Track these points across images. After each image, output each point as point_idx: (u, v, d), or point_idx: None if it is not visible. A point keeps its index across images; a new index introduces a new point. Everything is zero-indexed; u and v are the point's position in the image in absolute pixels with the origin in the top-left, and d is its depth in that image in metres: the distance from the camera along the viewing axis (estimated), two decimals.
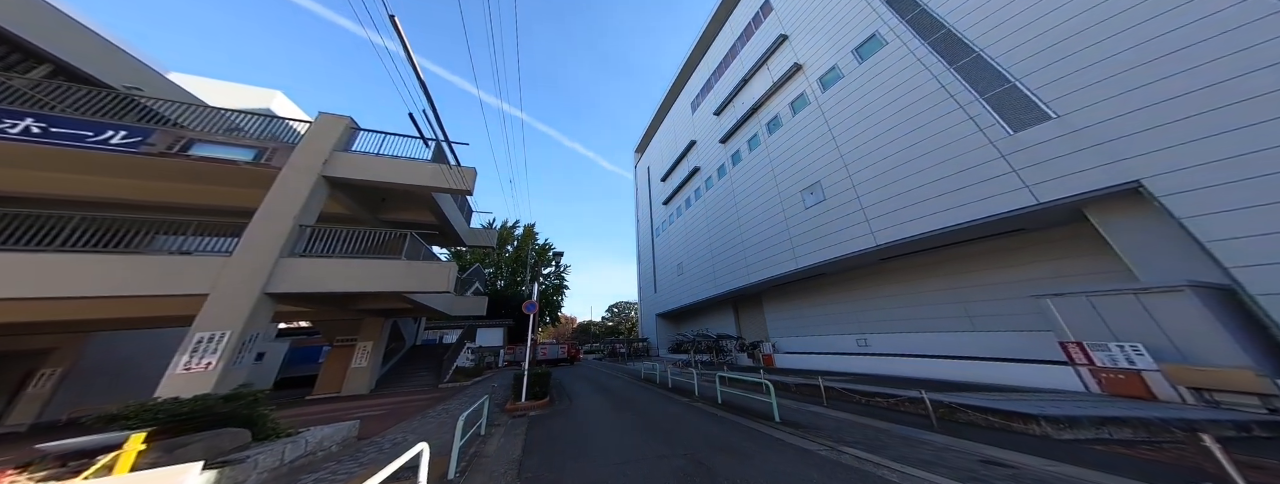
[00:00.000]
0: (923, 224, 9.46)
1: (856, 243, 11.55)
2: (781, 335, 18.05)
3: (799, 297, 17.03)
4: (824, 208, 13.47)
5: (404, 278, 8.50)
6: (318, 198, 8.81)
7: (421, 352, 16.25)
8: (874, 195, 11.25)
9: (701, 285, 24.08)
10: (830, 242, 12.80)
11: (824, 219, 13.35)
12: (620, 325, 60.49)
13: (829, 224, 13.02)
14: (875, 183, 11.34)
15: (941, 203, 9.09)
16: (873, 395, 6.61)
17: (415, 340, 17.06)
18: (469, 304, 14.53)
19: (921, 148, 10.04)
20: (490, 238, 16.27)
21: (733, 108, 22.86)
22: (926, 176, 9.68)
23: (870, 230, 11.02)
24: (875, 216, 10.98)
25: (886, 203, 10.77)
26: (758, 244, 17.80)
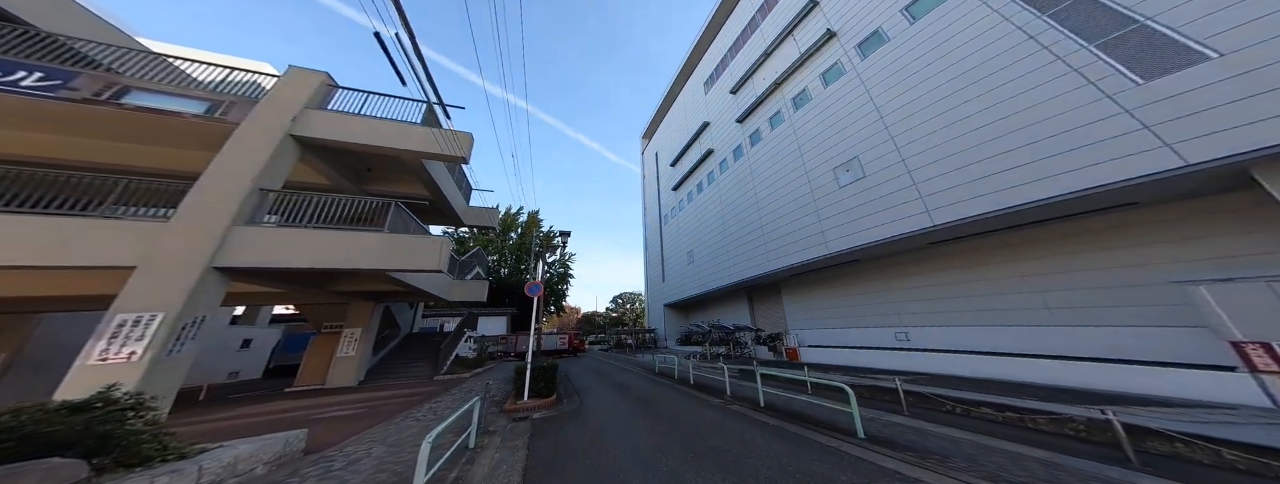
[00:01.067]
0: (997, 199, 7.91)
1: (904, 224, 10.03)
2: (802, 327, 16.67)
3: (825, 285, 15.58)
4: (862, 186, 11.89)
5: (386, 253, 7.14)
6: (284, 160, 7.40)
7: (418, 340, 15.07)
8: (930, 170, 9.66)
9: (714, 274, 22.68)
10: (869, 224, 11.28)
11: (862, 199, 11.78)
12: (625, 316, 59.57)
13: (868, 204, 11.47)
14: (931, 155, 9.74)
15: (1025, 173, 7.52)
16: (973, 404, 5.20)
17: (411, 328, 15.88)
18: (469, 289, 13.24)
19: (997, 111, 8.40)
20: (491, 218, 14.88)
21: (751, 84, 21.05)
22: (1004, 144, 8.08)
23: (924, 209, 9.47)
24: (931, 193, 9.42)
25: (946, 177, 9.19)
26: (779, 229, 16.29)
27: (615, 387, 9.33)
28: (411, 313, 15.92)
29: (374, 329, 11.97)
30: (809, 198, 14.53)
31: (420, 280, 9.67)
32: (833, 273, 14.84)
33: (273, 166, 7.06)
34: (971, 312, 9.95)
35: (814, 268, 14.69)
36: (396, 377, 12.08)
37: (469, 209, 14.76)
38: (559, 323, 49.20)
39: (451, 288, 12.74)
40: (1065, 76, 7.25)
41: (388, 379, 11.85)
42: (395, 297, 12.14)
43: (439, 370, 12.65)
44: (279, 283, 8.01)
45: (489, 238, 35.42)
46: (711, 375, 10.26)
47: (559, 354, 23.92)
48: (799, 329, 16.93)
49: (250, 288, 8.60)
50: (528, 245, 36.42)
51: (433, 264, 7.49)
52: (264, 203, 6.78)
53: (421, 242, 7.53)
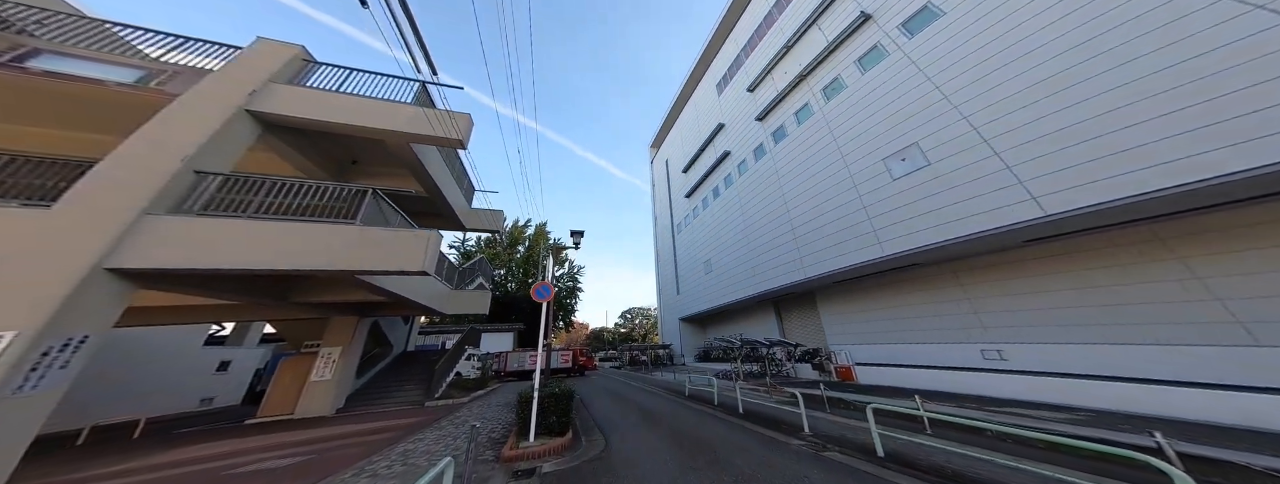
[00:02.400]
0: (1148, 179, 6.02)
1: (996, 217, 8.12)
2: (845, 342, 14.48)
3: (876, 294, 13.50)
4: (925, 176, 10.10)
5: (356, 251, 5.52)
6: (236, 139, 5.94)
7: (413, 360, 13.29)
8: (1034, 148, 7.78)
9: (735, 284, 20.69)
10: (939, 219, 9.41)
11: (925, 191, 9.97)
12: (634, 332, 57.14)
13: (935, 197, 9.64)
14: (1034, 130, 7.85)
15: (1193, 142, 5.69)
16: None
17: (405, 346, 14.13)
18: (469, 300, 11.55)
19: (1144, 65, 6.57)
20: (496, 221, 13.34)
21: (771, 80, 19.76)
22: (1165, 103, 6.19)
23: (1027, 195, 7.59)
24: (1037, 176, 7.55)
25: (1061, 156, 7.30)
26: (816, 231, 14.43)
27: (643, 417, 7.37)
28: (405, 329, 14.24)
29: (357, 348, 10.26)
30: (852, 194, 12.74)
31: (407, 287, 8.01)
32: (887, 279, 12.80)
33: (218, 145, 5.60)
34: (1110, 326, 7.64)
35: (862, 273, 12.69)
36: (382, 403, 10.25)
37: (471, 211, 13.27)
38: (567, 339, 46.96)
39: (449, 299, 11.06)
40: (1248, 14, 5.51)
41: (372, 405, 10.03)
42: (383, 310, 10.50)
43: (433, 395, 10.79)
44: (216, 291, 6.35)
45: (495, 251, 34.09)
46: (756, 399, 8.24)
47: (562, 374, 21.12)
48: (841, 344, 14.73)
49: (180, 299, 7.04)
50: (536, 258, 34.96)
51: (415, 263, 5.83)
52: (201, 189, 5.26)
53: (401, 236, 5.90)
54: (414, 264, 5.85)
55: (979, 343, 9.52)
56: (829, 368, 12.34)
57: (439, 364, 11.13)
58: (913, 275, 11.89)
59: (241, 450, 6.05)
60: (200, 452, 6.17)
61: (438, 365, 11.05)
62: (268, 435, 7.12)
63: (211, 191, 5.33)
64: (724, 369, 16.55)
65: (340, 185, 6.15)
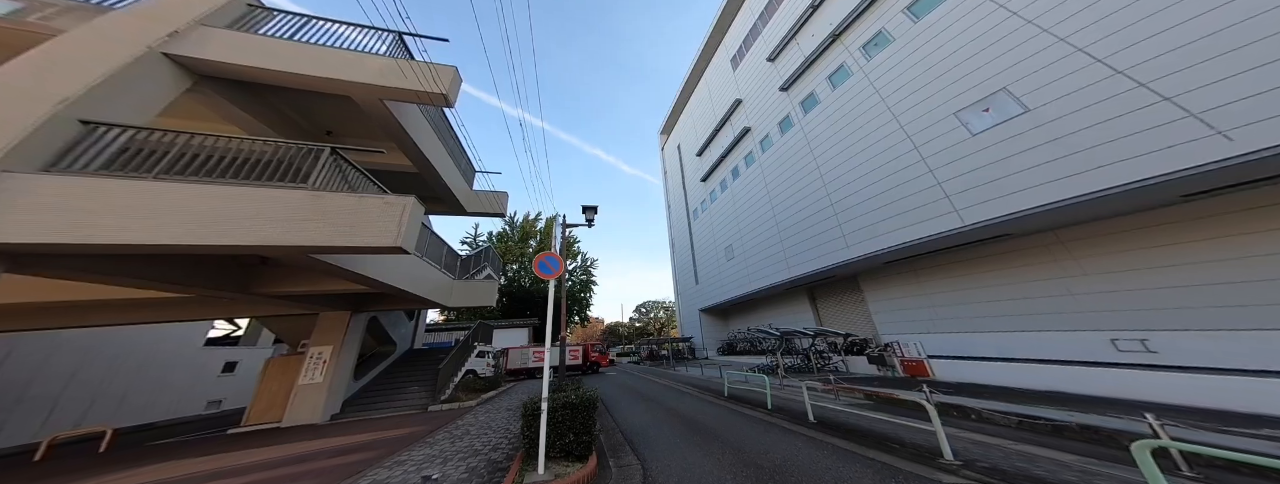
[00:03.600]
0: None
1: (1153, 163, 6.08)
2: (899, 332, 12.58)
3: (941, 274, 11.50)
4: (1024, 124, 8.07)
5: (308, 222, 4.12)
6: (149, 88, 4.60)
7: (419, 358, 12.15)
8: (1211, 69, 5.73)
9: (763, 269, 18.87)
10: (1049, 174, 7.40)
11: (1024, 143, 7.96)
12: (649, 326, 55.81)
13: (1043, 148, 7.62)
14: (1208, 47, 5.82)
15: None
16: None
17: (411, 343, 13.02)
18: (474, 291, 10.22)
19: None
20: (499, 203, 11.96)
21: (796, 45, 17.61)
22: None
23: (1207, 129, 5.55)
24: (1213, 106, 5.53)
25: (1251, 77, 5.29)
26: (861, 204, 12.49)
27: (686, 428, 5.83)
28: (410, 325, 13.11)
29: (353, 347, 9.08)
30: (910, 158, 10.75)
31: (394, 274, 6.64)
32: (961, 255, 10.74)
33: (121, 92, 4.26)
34: None
35: (926, 250, 10.69)
36: (382, 408, 9.07)
37: (472, 193, 11.92)
38: (583, 335, 46.02)
39: (452, 290, 9.75)
40: None
41: (371, 411, 8.86)
42: (378, 304, 9.28)
43: (438, 397, 9.56)
44: (135, 277, 5.00)
45: (506, 245, 33.09)
46: (819, 402, 6.59)
47: (573, 372, 19.01)
48: (894, 333, 12.82)
49: (113, 292, 5.83)
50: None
51: (387, 237, 4.41)
52: (93, 143, 3.92)
53: (367, 205, 4.47)
54: (385, 237, 4.42)
55: (1107, 330, 7.49)
56: (891, 361, 10.47)
57: (444, 364, 9.88)
58: (997, 250, 9.83)
59: (190, 475, 4.81)
60: (148, 474, 4.98)
61: (442, 365, 9.81)
62: (235, 451, 5.93)
63: (113, 148, 3.99)
64: (759, 363, 14.85)
65: (288, 142, 4.75)
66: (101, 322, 6.84)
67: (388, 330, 11.01)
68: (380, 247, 4.41)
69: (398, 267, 6.79)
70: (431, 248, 8.88)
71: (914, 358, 9.94)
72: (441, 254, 9.49)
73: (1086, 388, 6.69)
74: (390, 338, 11.30)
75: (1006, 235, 9.08)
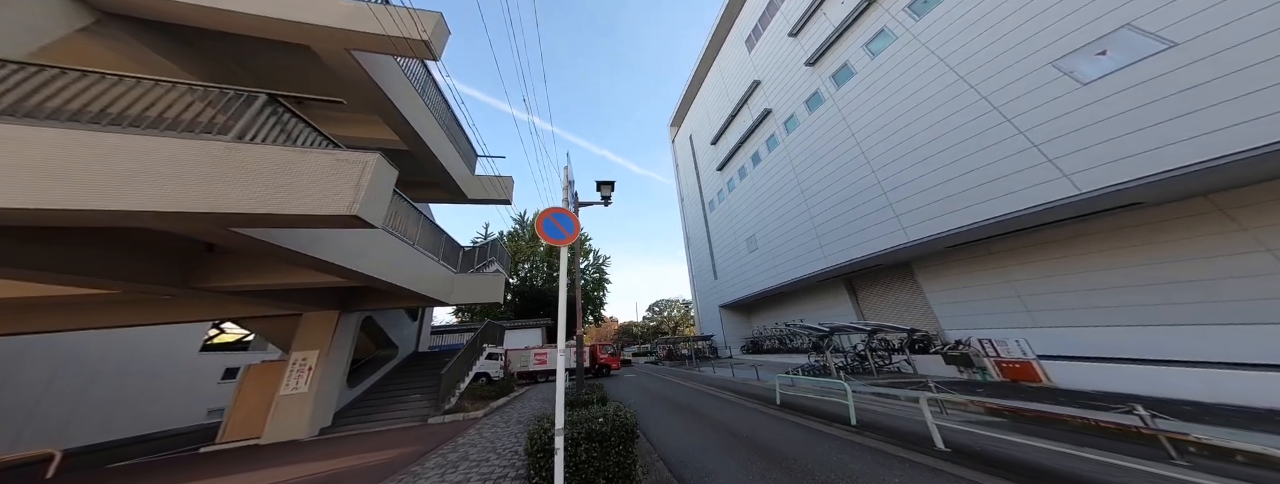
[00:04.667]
0: None
1: None
2: (971, 326, 10.78)
3: (1037, 256, 9.61)
4: (1167, 63, 6.28)
5: (225, 182, 2.77)
6: (22, 16, 3.38)
7: (425, 362, 10.97)
8: None
9: (793, 260, 17.17)
10: (1213, 122, 5.64)
11: (1166, 86, 6.18)
12: (663, 325, 54.27)
13: (1197, 91, 5.84)
14: None
15: None
16: None
17: (416, 345, 11.87)
18: (479, 286, 8.96)
19: None
20: (503, 189, 10.72)
21: (824, 15, 15.89)
22: None
23: None
24: None
25: None
26: (919, 179, 10.78)
27: (749, 452, 4.34)
28: (414, 325, 11.97)
29: (343, 351, 7.91)
30: (987, 121, 9.01)
31: (362, 259, 5.31)
32: (1068, 232, 8.77)
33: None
34: None
35: (1016, 227, 8.82)
36: (378, 419, 7.87)
37: (473, 178, 10.72)
38: (597, 335, 44.82)
39: (452, 284, 8.50)
40: None
41: (365, 423, 7.66)
42: (369, 301, 8.09)
43: (441, 406, 8.32)
44: (13, 265, 3.77)
45: (517, 245, 32.15)
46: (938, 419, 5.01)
47: (585, 374, 17.51)
48: (962, 328, 11.01)
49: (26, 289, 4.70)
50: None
51: (337, 203, 3.11)
52: None
53: (307, 161, 3.17)
54: (335, 203, 3.10)
55: None
56: (980, 362, 8.61)
57: (447, 369, 8.63)
58: (1119, 223, 7.88)
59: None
60: None
61: (445, 370, 8.56)
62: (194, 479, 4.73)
63: None
64: (801, 363, 13.18)
65: (213, 85, 3.50)
66: (35, 329, 5.80)
67: (387, 332, 9.86)
68: (329, 216, 3.09)
69: (377, 253, 5.52)
70: (427, 237, 7.64)
71: (1016, 358, 8.05)
72: (439, 244, 8.25)
73: None
74: (390, 340, 10.15)
75: (1137, 204, 7.20)
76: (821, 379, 7.35)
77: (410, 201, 6.75)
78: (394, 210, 6.35)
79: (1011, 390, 6.77)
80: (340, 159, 3.28)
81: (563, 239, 3.19)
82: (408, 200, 6.58)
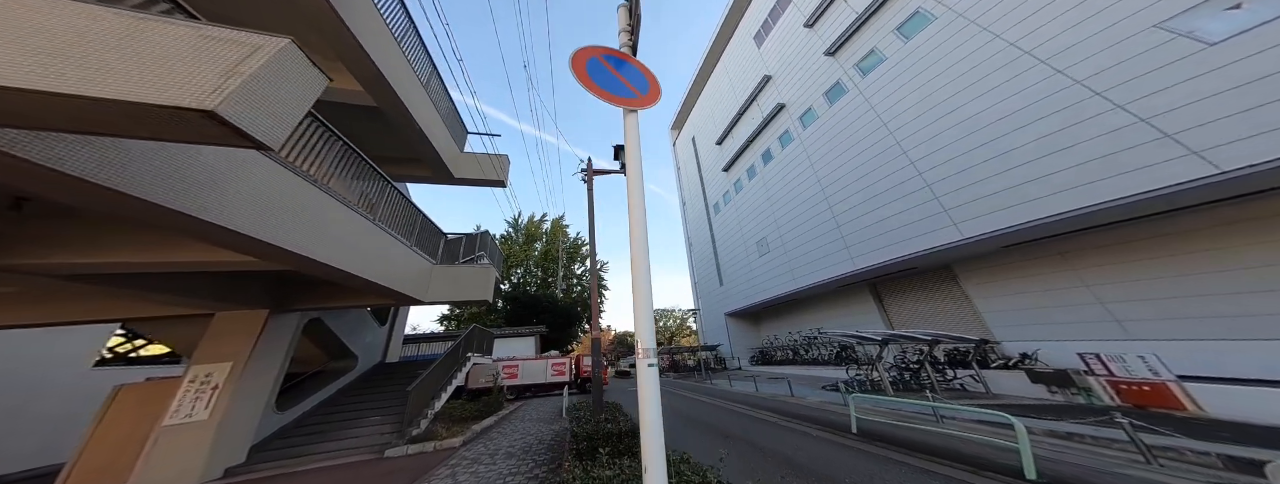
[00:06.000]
0: None
1: None
2: (1036, 337, 9.32)
3: (1130, 255, 8.16)
4: None
5: None
6: None
7: (394, 377, 8.82)
8: None
9: (812, 263, 15.69)
10: None
11: None
12: (659, 335, 52.06)
13: None
14: None
15: None
16: None
17: (382, 356, 9.68)
18: (462, 280, 7.07)
19: None
20: (497, 169, 9.00)
21: (843, 2, 14.99)
22: None
23: None
24: None
25: None
26: (975, 167, 9.50)
27: None
28: (382, 330, 9.80)
29: (275, 361, 5.87)
30: (1065, 97, 7.78)
31: (265, 222, 3.43)
32: (1162, 228, 7.34)
33: None
34: None
35: (1103, 220, 7.40)
36: (316, 452, 5.79)
37: (463, 156, 9.00)
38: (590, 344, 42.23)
39: (429, 277, 6.62)
40: None
41: (298, 457, 5.58)
42: (315, 296, 6.12)
43: (407, 432, 6.28)
44: None
45: (510, 249, 30.06)
46: (1061, 456, 3.36)
47: (548, 390, 13.95)
48: (1022, 339, 9.52)
49: None
50: (555, 254, 30.72)
51: (186, 92, 1.35)
52: None
53: (154, 36, 1.43)
54: (182, 92, 1.37)
55: None
56: (1083, 382, 6.88)
57: (416, 385, 6.58)
58: (1252, 214, 6.50)
59: None
60: None
61: (413, 387, 6.51)
62: None
63: None
64: (833, 377, 11.46)
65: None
66: None
67: (343, 338, 7.78)
68: (165, 108, 1.37)
69: (316, 224, 3.71)
70: (397, 215, 5.85)
71: (1143, 379, 6.24)
72: (414, 227, 6.43)
73: None
74: (347, 349, 8.06)
75: (1273, 188, 5.84)
76: (809, 389, 5.61)
77: (372, 164, 4.97)
78: (349, 169, 4.58)
79: (1149, 419, 5.18)
80: (209, 37, 1.61)
81: (631, 97, 1.51)
82: (369, 162, 4.82)
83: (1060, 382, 7.18)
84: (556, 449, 5.70)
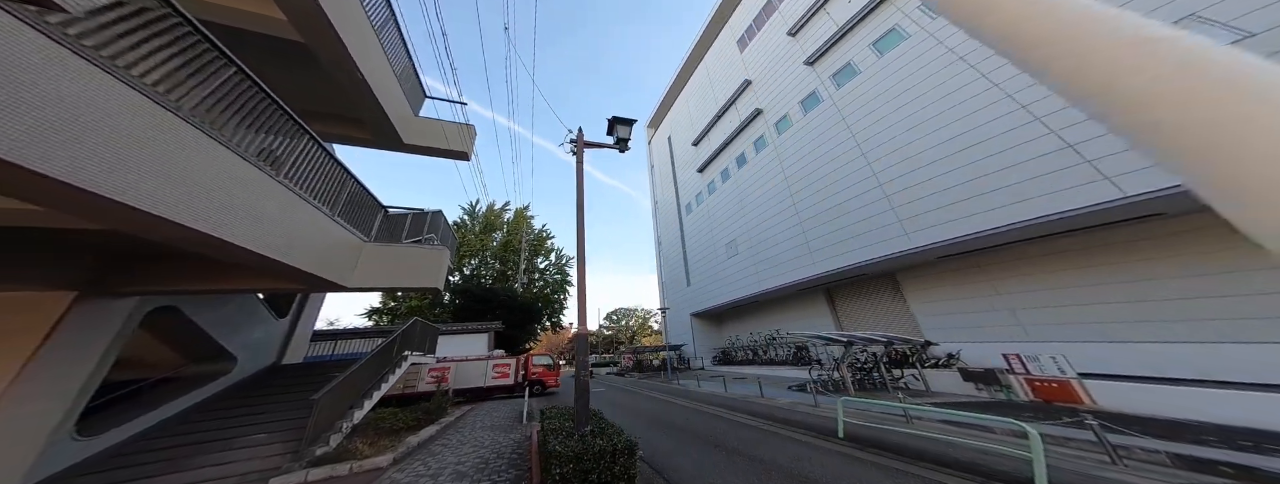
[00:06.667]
0: None
1: None
2: (954, 339, 10.08)
3: (1039, 267, 9.06)
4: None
5: None
6: None
7: (296, 380, 6.93)
8: None
9: (778, 266, 15.97)
10: None
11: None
12: (620, 334, 51.35)
13: None
14: None
15: None
16: None
17: (279, 356, 7.54)
18: (404, 263, 5.67)
19: None
20: (460, 139, 7.63)
21: (827, 14, 15.48)
22: None
23: None
24: None
25: None
26: (929, 181, 9.99)
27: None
28: (282, 324, 7.64)
29: (82, 367, 4.09)
30: (1013, 119, 8.33)
31: (97, 164, 2.12)
32: (1065, 244, 8.18)
33: None
34: None
35: (1033, 234, 8.08)
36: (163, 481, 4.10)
37: (417, 120, 7.49)
38: (551, 343, 40.30)
39: (357, 255, 5.16)
40: None
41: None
42: (164, 275, 4.40)
43: (307, 452, 4.76)
44: None
45: (464, 237, 27.26)
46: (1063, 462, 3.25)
47: (488, 395, 12.13)
48: (948, 340, 10.24)
49: None
50: (516, 245, 28.48)
51: None
52: None
53: None
54: None
55: None
56: (1005, 380, 7.44)
57: (324, 393, 5.03)
58: (1140, 234, 7.39)
59: None
60: None
61: (320, 396, 4.95)
62: None
63: None
64: (801, 378, 11.51)
65: None
66: None
67: (214, 335, 5.82)
68: None
69: (156, 159, 2.38)
70: (316, 176, 4.43)
71: (1052, 376, 6.90)
72: (339, 194, 5.00)
73: None
74: (221, 348, 6.07)
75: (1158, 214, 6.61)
76: (775, 389, 5.42)
77: (280, 103, 3.58)
78: (249, 112, 3.18)
79: (1052, 412, 5.54)
80: None
81: None
82: (272, 97, 3.45)
83: (987, 380, 7.71)
84: (521, 465, 4.67)
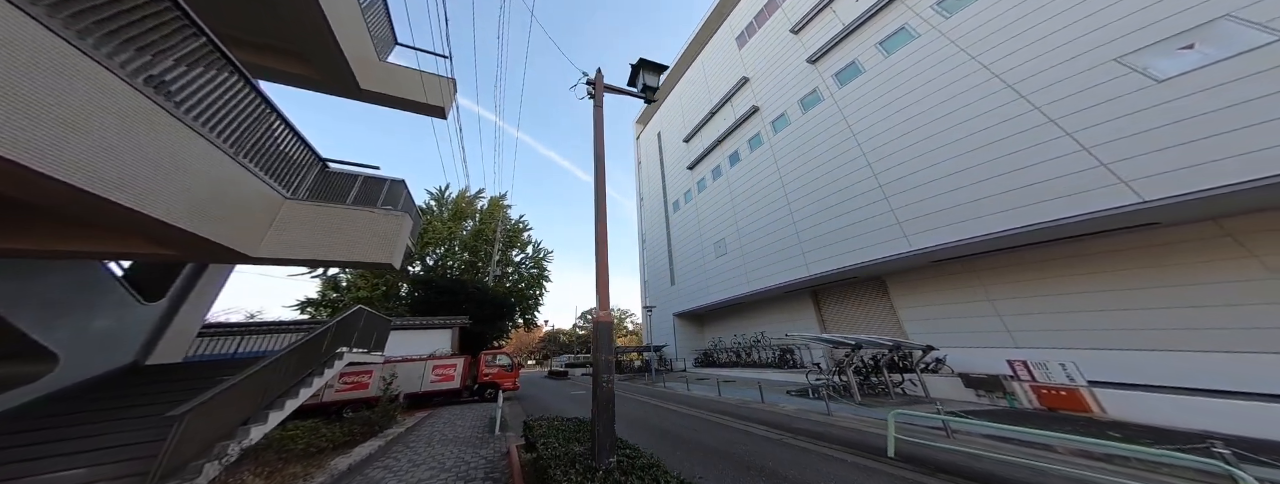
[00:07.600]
0: None
1: None
2: (943, 344, 9.92)
3: (1034, 274, 8.96)
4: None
5: None
6: None
7: (162, 386, 5.14)
8: None
9: (769, 267, 15.49)
10: None
11: None
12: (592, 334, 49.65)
13: None
14: None
15: None
16: None
17: (143, 353, 5.51)
18: (344, 230, 4.26)
19: None
20: (438, 93, 6.26)
21: (833, 12, 15.24)
22: None
23: None
24: None
25: None
26: (936, 181, 9.74)
27: None
28: (151, 309, 5.56)
29: None
30: (1026, 120, 8.12)
31: None
32: (1059, 251, 8.08)
33: None
34: None
35: (1041, 238, 7.88)
36: None
37: (381, 65, 6.02)
38: (521, 341, 38.05)
39: (273, 217, 3.71)
40: None
41: None
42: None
43: (182, 477, 3.23)
44: None
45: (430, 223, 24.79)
46: None
47: (429, 399, 10.23)
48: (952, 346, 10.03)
49: None
50: (489, 235, 26.30)
51: None
52: None
53: None
54: None
55: None
56: (1009, 387, 7.11)
57: (201, 403, 3.52)
58: (1135, 243, 7.33)
59: None
60: None
61: (187, 410, 3.43)
62: None
63: None
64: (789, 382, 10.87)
65: None
66: None
67: (16, 323, 3.96)
68: None
69: None
70: (217, 105, 3.01)
71: (1060, 384, 6.61)
72: (253, 132, 3.58)
73: None
74: (29, 340, 4.17)
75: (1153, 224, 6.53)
76: (777, 395, 4.70)
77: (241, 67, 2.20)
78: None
79: (1060, 421, 5.19)
80: None
81: None
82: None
83: (989, 386, 7.41)
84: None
